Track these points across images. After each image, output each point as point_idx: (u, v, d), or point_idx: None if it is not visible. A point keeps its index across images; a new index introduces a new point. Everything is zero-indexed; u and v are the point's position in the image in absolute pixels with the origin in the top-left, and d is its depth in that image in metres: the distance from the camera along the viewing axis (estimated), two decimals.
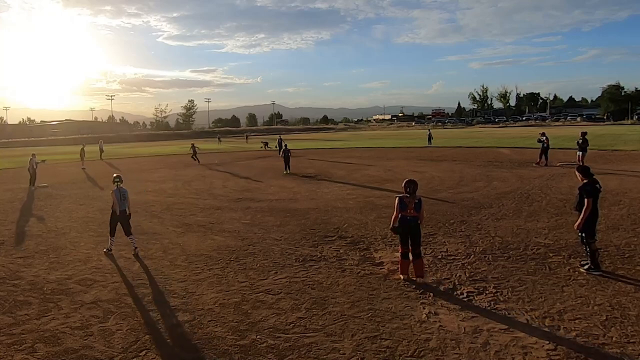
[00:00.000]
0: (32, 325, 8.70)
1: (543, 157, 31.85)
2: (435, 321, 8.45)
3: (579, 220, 10.64)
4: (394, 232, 10.80)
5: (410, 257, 10.59)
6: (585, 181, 10.80)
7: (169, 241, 14.63)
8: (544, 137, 32.23)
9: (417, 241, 10.53)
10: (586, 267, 10.78)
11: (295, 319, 8.70)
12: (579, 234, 10.95)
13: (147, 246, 14.03)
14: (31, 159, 29.43)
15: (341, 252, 13.00)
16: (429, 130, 62.20)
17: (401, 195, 10.50)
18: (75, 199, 23.64)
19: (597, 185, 10.77)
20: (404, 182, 10.61)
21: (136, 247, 13.35)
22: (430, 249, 12.93)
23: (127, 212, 13.62)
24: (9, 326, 8.67)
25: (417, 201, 10.38)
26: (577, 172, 11.16)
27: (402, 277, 10.65)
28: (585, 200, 10.52)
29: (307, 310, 9.12)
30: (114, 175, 13.98)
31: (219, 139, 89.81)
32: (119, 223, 13.48)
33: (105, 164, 44.46)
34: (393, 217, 10.56)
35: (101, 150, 50.13)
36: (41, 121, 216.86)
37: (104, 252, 13.41)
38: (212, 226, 16.56)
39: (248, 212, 18.96)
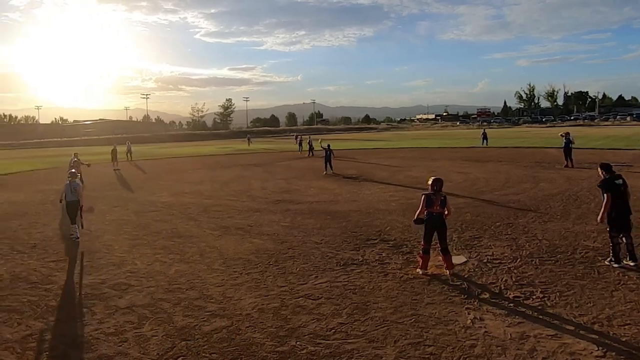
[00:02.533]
0: (65, 330, 8.88)
1: (568, 158, 31.86)
2: (481, 327, 8.46)
3: (600, 214, 11.56)
4: (417, 223, 11.55)
5: (430, 253, 11.44)
6: (606, 177, 11.56)
7: (205, 244, 14.79)
8: (568, 137, 32.28)
9: (444, 236, 11.35)
10: (608, 260, 11.57)
11: (336, 325, 8.74)
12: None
13: (183, 249, 14.22)
14: (73, 159, 29.93)
15: (383, 255, 13.07)
16: (484, 129, 61.59)
17: (427, 192, 11.40)
18: (109, 200, 24.06)
19: (618, 181, 11.43)
20: (431, 179, 11.59)
21: (73, 234, 15.94)
22: (476, 252, 13.01)
23: (80, 204, 16.03)
24: (41, 332, 8.85)
25: (442, 198, 11.26)
26: (599, 169, 11.94)
27: (419, 271, 11.32)
28: (605, 194, 11.41)
29: (349, 315, 9.15)
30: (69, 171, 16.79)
31: (249, 139, 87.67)
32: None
33: (133, 166, 45.10)
34: (417, 212, 11.46)
35: (129, 151, 50.38)
36: (74, 121, 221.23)
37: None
38: (251, 229, 16.69)
39: (287, 214, 19.09)
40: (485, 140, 56.42)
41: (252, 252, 13.77)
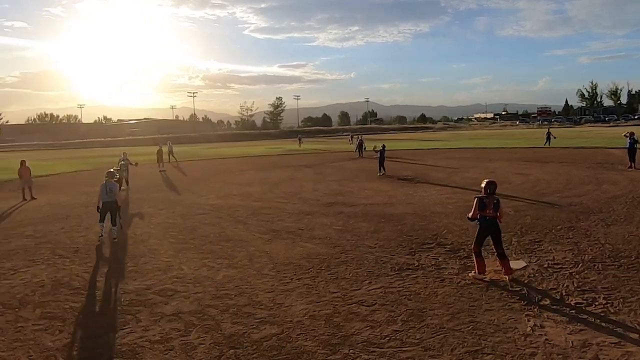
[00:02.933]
0: (108, 338, 9.00)
1: (632, 159, 31.51)
2: (541, 334, 8.48)
3: None
4: (471, 220, 11.94)
5: (483, 257, 11.74)
6: None
7: (255, 249, 14.89)
8: (632, 137, 31.95)
9: (499, 240, 11.53)
10: None
11: (390, 332, 8.75)
12: None
13: (232, 254, 14.34)
14: (121, 159, 30.46)
15: (440, 260, 13.12)
16: (549, 129, 61.08)
17: (480, 195, 11.65)
18: (154, 203, 24.44)
19: None
20: (484, 182, 11.76)
21: (115, 238, 16.55)
22: (536, 257, 13.05)
23: (117, 204, 16.70)
24: (83, 339, 9.01)
25: (495, 202, 11.45)
26: None
27: (474, 274, 11.47)
28: None
29: (404, 322, 9.17)
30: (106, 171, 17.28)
31: (299, 139, 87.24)
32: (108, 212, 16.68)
33: (178, 167, 45.75)
34: (470, 215, 11.83)
35: (170, 152, 50.64)
36: (118, 120, 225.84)
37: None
38: (302, 232, 16.77)
39: (340, 217, 19.14)
40: (548, 141, 56.27)
41: (304, 256, 13.82)
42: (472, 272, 11.62)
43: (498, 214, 11.46)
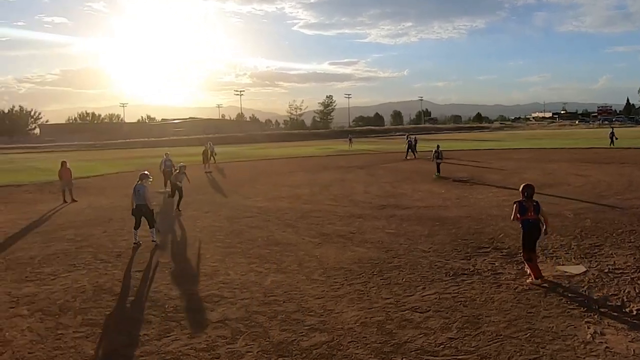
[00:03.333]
0: (152, 346, 9.13)
1: None
2: (602, 342, 8.47)
3: None
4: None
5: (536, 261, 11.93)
6: None
7: (304, 253, 15.01)
8: None
9: (535, 242, 11.88)
10: None
11: (445, 340, 8.78)
12: None
13: (280, 258, 14.47)
14: (164, 159, 30.87)
15: (496, 265, 13.13)
16: (612, 129, 60.31)
17: (520, 199, 11.93)
18: (200, 205, 24.76)
19: None
20: (522, 186, 12.14)
21: (154, 240, 16.96)
22: (596, 261, 13.02)
23: (149, 208, 17.10)
24: (126, 347, 9.15)
25: (535, 204, 11.80)
26: None
27: (538, 280, 11.42)
28: None
29: (459, 330, 9.19)
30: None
31: (350, 140, 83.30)
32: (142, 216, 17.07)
33: (221, 169, 46.21)
34: (512, 218, 12.15)
35: (212, 153, 50.50)
36: (162, 119, 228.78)
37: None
38: (353, 236, 16.83)
39: (393, 220, 19.19)
40: (612, 141, 56.00)
41: (355, 261, 13.88)
42: (529, 278, 11.62)
43: (541, 216, 11.81)
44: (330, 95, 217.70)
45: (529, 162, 41.64)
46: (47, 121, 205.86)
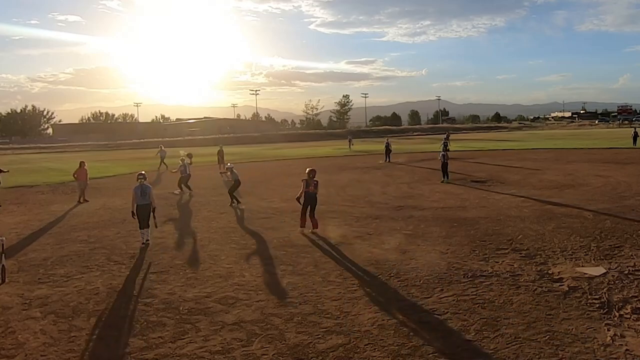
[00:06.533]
0: (166, 349, 9.16)
1: None
2: (622, 345, 8.49)
3: None
4: None
5: None
6: None
7: (320, 254, 15.06)
8: None
9: None
10: None
11: (463, 342, 8.83)
12: None
13: (296, 260, 14.51)
14: (185, 161, 30.96)
15: (515, 266, 13.14)
16: (635, 128, 60.04)
17: None
18: (215, 206, 24.87)
19: None
20: None
21: (147, 240, 17.02)
22: (616, 263, 13.05)
23: (152, 207, 17.04)
24: (140, 350, 9.17)
25: None
26: None
27: None
28: None
29: (477, 332, 9.23)
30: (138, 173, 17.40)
31: (350, 141, 79.50)
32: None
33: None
34: None
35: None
36: (176, 119, 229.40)
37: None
38: (370, 237, 16.89)
39: (410, 221, 19.25)
40: (634, 141, 56.07)
41: (372, 262, 13.93)
42: None
43: None
44: (347, 95, 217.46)
45: (548, 162, 41.81)
46: (60, 121, 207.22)
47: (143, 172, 17.52)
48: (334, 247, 15.89)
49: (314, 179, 17.97)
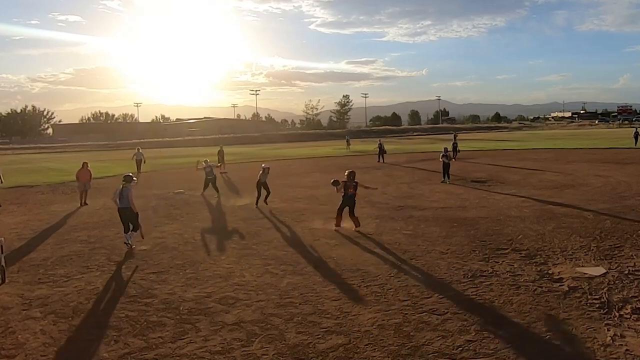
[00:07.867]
0: (166, 349, 9.17)
1: None
2: (622, 345, 8.52)
3: None
4: None
5: None
6: None
7: (321, 254, 15.06)
8: None
9: None
10: None
11: (463, 343, 8.83)
12: None
13: (296, 260, 14.53)
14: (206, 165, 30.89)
15: (515, 266, 13.17)
16: (637, 128, 60.19)
17: None
18: (215, 207, 24.89)
19: None
20: None
21: (129, 244, 16.59)
22: (616, 263, 13.10)
23: (134, 211, 16.70)
24: (140, 350, 9.18)
25: None
26: None
27: None
28: None
29: (477, 332, 9.25)
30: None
31: (347, 141, 79.06)
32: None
33: (238, 170, 46.01)
34: None
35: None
36: (176, 119, 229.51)
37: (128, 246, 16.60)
38: (370, 237, 16.89)
39: (410, 221, 19.28)
40: (636, 141, 56.22)
41: (372, 262, 13.94)
42: None
43: None
44: (347, 95, 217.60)
45: (548, 162, 41.90)
46: (60, 121, 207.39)
47: (130, 173, 17.57)
48: (333, 247, 15.90)
49: (354, 180, 18.02)
